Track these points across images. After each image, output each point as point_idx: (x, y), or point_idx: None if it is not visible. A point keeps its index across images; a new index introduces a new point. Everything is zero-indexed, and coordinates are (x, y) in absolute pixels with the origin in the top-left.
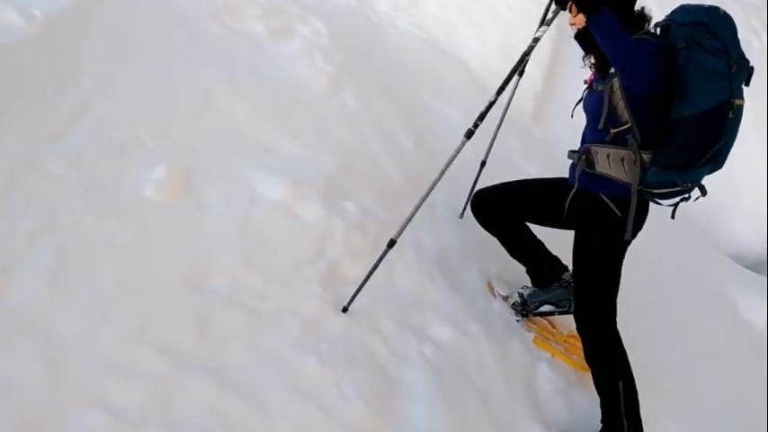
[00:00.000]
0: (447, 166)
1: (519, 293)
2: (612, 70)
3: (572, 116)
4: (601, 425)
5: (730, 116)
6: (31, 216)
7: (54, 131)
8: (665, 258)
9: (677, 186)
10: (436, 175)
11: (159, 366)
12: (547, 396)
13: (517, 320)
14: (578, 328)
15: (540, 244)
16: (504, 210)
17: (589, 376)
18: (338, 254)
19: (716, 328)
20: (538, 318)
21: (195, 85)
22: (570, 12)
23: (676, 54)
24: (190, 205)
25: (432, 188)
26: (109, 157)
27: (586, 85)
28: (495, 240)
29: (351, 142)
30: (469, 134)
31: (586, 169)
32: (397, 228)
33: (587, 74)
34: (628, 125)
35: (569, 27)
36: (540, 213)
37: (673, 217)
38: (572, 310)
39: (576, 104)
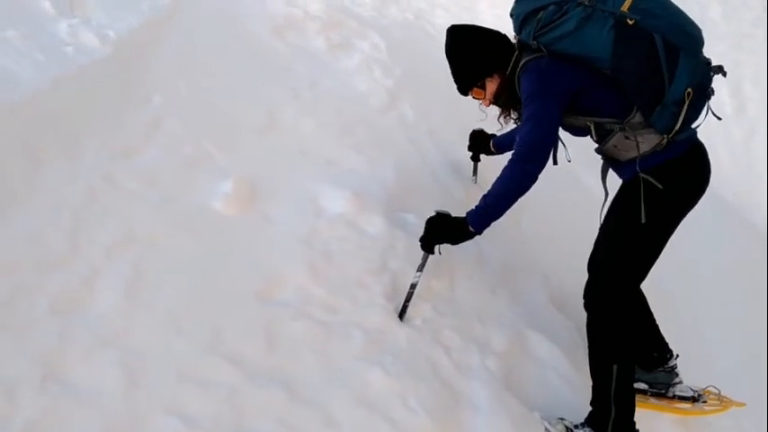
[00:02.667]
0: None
1: None
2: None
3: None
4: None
5: (629, 23)
6: (109, 230)
7: (128, 147)
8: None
9: (682, 104)
10: None
11: (230, 376)
12: None
13: None
14: (585, 302)
15: (655, 326)
16: (633, 293)
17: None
18: (401, 266)
19: None
20: None
21: (260, 101)
22: (441, 252)
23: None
24: (257, 218)
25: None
26: (179, 171)
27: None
28: (556, 251)
29: (411, 155)
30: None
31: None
32: None
33: None
34: (591, 125)
35: None
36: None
37: (717, 117)
38: (668, 394)
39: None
